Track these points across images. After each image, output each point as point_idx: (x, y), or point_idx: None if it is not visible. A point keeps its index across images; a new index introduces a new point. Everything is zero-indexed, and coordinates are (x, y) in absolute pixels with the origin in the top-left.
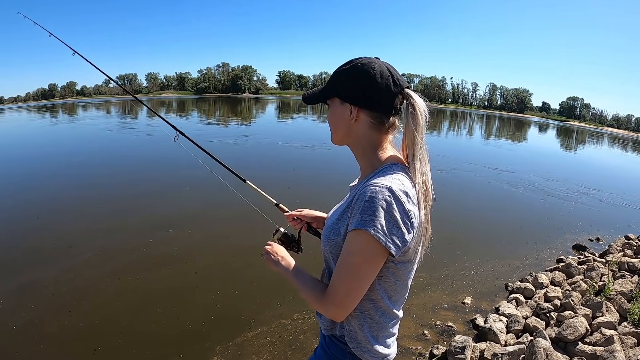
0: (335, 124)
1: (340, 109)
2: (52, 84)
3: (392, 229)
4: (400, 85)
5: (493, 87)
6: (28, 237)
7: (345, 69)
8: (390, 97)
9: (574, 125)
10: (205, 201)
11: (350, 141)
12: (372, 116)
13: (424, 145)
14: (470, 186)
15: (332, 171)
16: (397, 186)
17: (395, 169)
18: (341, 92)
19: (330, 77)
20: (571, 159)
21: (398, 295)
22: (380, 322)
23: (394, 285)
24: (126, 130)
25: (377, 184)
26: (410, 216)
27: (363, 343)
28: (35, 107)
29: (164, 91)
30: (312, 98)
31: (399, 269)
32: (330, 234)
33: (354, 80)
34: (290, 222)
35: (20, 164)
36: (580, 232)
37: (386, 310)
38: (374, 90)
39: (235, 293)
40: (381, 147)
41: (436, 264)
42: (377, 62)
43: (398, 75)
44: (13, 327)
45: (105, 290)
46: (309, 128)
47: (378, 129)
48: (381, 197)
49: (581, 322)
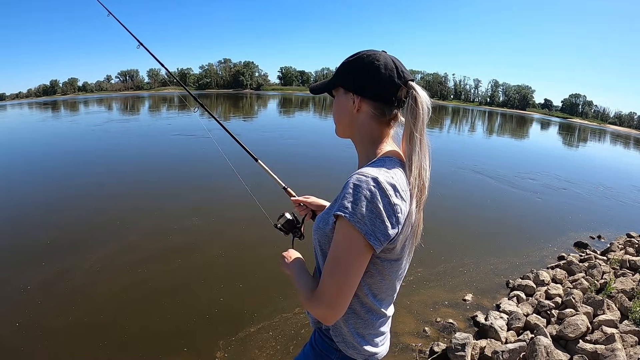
0: (339, 114)
1: (343, 98)
2: (54, 80)
3: (374, 221)
4: (404, 77)
5: (495, 83)
6: (47, 230)
7: (350, 60)
8: (393, 88)
9: (576, 123)
10: (227, 193)
11: (352, 133)
12: (374, 107)
13: (424, 139)
14: (469, 183)
15: (343, 164)
16: (384, 177)
17: (387, 162)
18: (345, 82)
19: (337, 68)
20: (572, 156)
21: (384, 294)
22: (366, 318)
23: (380, 283)
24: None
25: (362, 173)
26: (395, 210)
27: (348, 338)
28: (50, 103)
29: (166, 87)
30: (318, 88)
31: (384, 267)
32: (320, 222)
33: (358, 70)
34: (296, 208)
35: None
36: (581, 230)
37: (371, 307)
38: (376, 81)
39: (239, 287)
40: (381, 140)
41: (434, 260)
42: (383, 55)
43: (403, 68)
44: (16, 323)
45: (113, 284)
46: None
47: (379, 121)
48: (365, 186)
49: (582, 320)
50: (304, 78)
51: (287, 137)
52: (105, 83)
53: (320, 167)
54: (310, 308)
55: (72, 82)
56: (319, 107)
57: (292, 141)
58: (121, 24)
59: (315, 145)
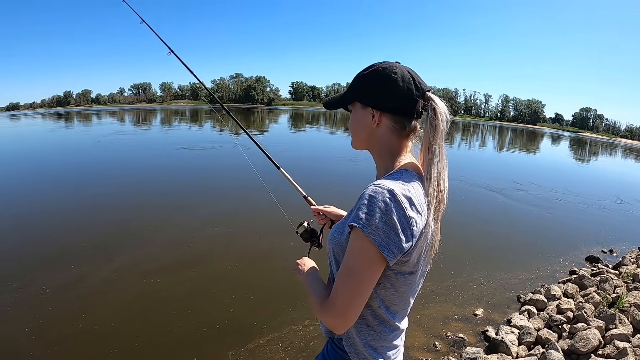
0: (357, 129)
1: (361, 113)
2: (67, 91)
3: (388, 233)
4: (421, 88)
5: (506, 98)
6: (82, 234)
7: (366, 73)
8: (412, 100)
9: (587, 137)
10: (247, 205)
11: (370, 145)
12: (394, 120)
13: (443, 151)
14: (478, 198)
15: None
16: (400, 190)
17: (404, 174)
18: (362, 97)
19: (351, 82)
20: (583, 170)
21: (397, 307)
22: (379, 330)
23: (392, 296)
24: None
25: (379, 185)
26: (410, 223)
27: (360, 350)
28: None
29: (178, 100)
30: (333, 103)
31: (397, 279)
32: (335, 231)
33: (375, 84)
34: (315, 217)
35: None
36: (593, 244)
37: (384, 320)
38: (395, 94)
39: (250, 298)
40: (399, 152)
41: (443, 274)
42: (398, 66)
43: (419, 79)
44: (25, 328)
45: (127, 293)
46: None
47: (399, 134)
48: (380, 197)
49: (594, 334)
50: (314, 93)
51: (297, 150)
52: (118, 95)
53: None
54: (321, 316)
55: (86, 94)
56: (330, 122)
57: (294, 154)
58: (154, 32)
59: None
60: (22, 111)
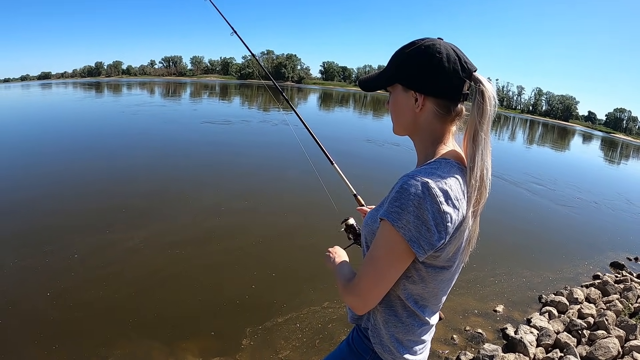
0: (398, 114)
1: (403, 96)
2: (99, 62)
3: (419, 228)
4: (468, 69)
5: (539, 92)
6: (112, 199)
7: (407, 51)
8: (459, 82)
9: (619, 138)
10: (291, 181)
11: (413, 131)
12: (439, 104)
13: (489, 138)
14: (506, 193)
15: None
16: (435, 183)
17: (443, 164)
18: (404, 79)
19: (390, 60)
20: (618, 173)
21: (426, 301)
22: (407, 323)
23: (422, 290)
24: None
25: (413, 177)
26: (445, 219)
27: (385, 341)
28: (108, 84)
29: (208, 75)
30: (372, 85)
31: (429, 274)
32: (369, 219)
33: (418, 64)
34: (363, 217)
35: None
36: (619, 250)
37: (414, 312)
38: (440, 76)
39: (272, 275)
40: (442, 139)
41: (465, 267)
42: (443, 44)
43: (465, 58)
44: (47, 292)
45: (151, 263)
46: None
47: (443, 119)
48: (413, 190)
49: (614, 344)
50: (345, 74)
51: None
52: (149, 67)
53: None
54: (343, 295)
55: (117, 65)
56: (359, 103)
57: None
58: (219, 12)
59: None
60: (53, 80)
